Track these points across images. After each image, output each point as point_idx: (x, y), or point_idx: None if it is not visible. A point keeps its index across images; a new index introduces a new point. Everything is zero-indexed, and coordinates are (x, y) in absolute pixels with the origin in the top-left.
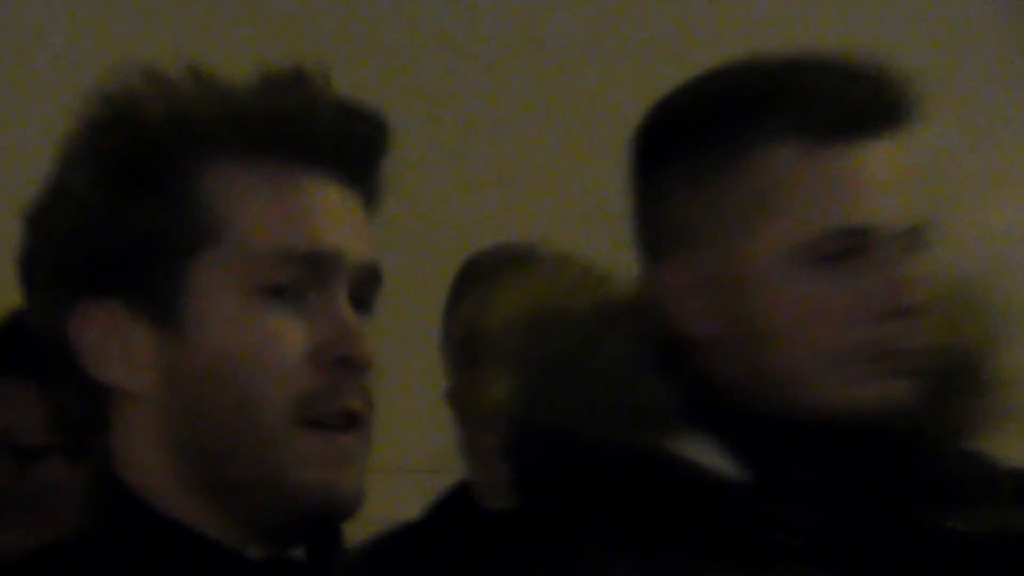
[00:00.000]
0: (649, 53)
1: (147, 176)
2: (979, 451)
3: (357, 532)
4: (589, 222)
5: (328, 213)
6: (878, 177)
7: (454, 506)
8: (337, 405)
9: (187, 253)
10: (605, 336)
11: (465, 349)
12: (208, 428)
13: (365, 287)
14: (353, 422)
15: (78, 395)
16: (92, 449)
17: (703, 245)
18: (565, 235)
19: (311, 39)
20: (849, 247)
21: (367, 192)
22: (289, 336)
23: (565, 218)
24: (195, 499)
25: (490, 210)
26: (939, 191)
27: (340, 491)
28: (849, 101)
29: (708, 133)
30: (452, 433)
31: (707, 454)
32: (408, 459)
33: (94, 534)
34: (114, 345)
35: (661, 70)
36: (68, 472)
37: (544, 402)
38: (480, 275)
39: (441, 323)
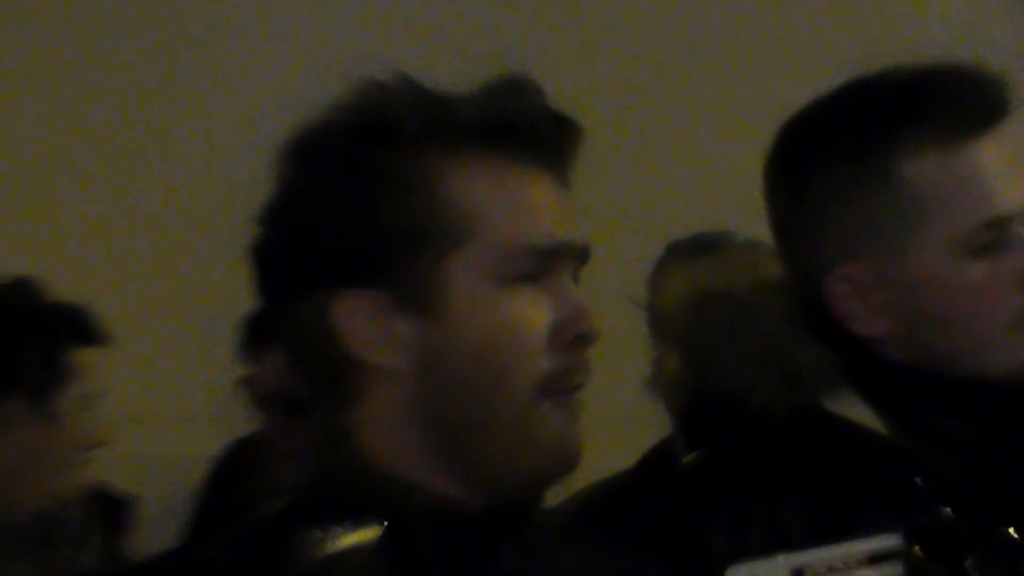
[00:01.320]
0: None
1: (407, 178)
2: None
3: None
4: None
5: (553, 207)
6: (1002, 167)
7: (657, 460)
8: (571, 381)
9: (445, 249)
10: (762, 312)
11: (653, 327)
12: (464, 402)
13: (580, 266)
14: (579, 390)
15: (331, 373)
16: (331, 423)
17: (865, 254)
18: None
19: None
20: (994, 235)
21: (568, 183)
22: (534, 320)
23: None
24: (436, 464)
25: (693, 199)
26: None
27: (572, 451)
28: (967, 105)
29: (854, 149)
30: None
31: (857, 411)
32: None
33: (329, 493)
34: (377, 330)
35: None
36: None
37: (712, 373)
38: (682, 258)
39: (648, 299)
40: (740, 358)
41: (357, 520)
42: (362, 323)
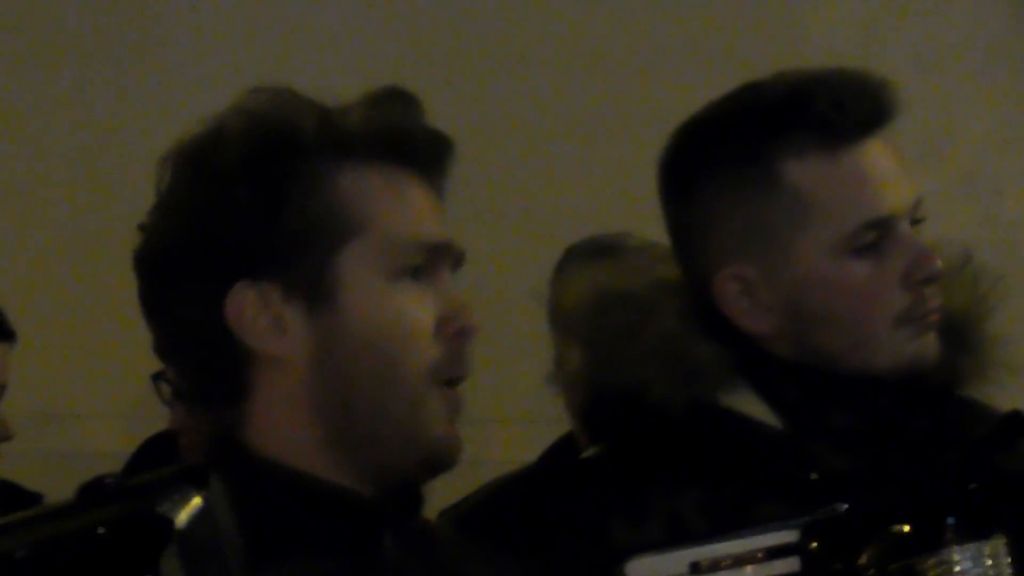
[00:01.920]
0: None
1: (302, 180)
2: (976, 400)
3: (476, 477)
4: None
5: (434, 208)
6: (885, 169)
7: (559, 454)
8: (454, 373)
9: (336, 244)
10: (661, 312)
11: (554, 324)
12: (355, 390)
13: (456, 269)
14: (461, 380)
15: (224, 368)
16: (223, 418)
17: (752, 253)
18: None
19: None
20: (877, 235)
21: (442, 193)
22: (420, 312)
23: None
24: (328, 453)
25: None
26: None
27: (456, 443)
28: (852, 109)
29: (740, 152)
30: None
31: (753, 407)
32: (519, 410)
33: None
34: (268, 320)
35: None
36: None
37: (612, 369)
38: (579, 260)
39: (548, 300)
40: (639, 355)
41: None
42: (253, 313)
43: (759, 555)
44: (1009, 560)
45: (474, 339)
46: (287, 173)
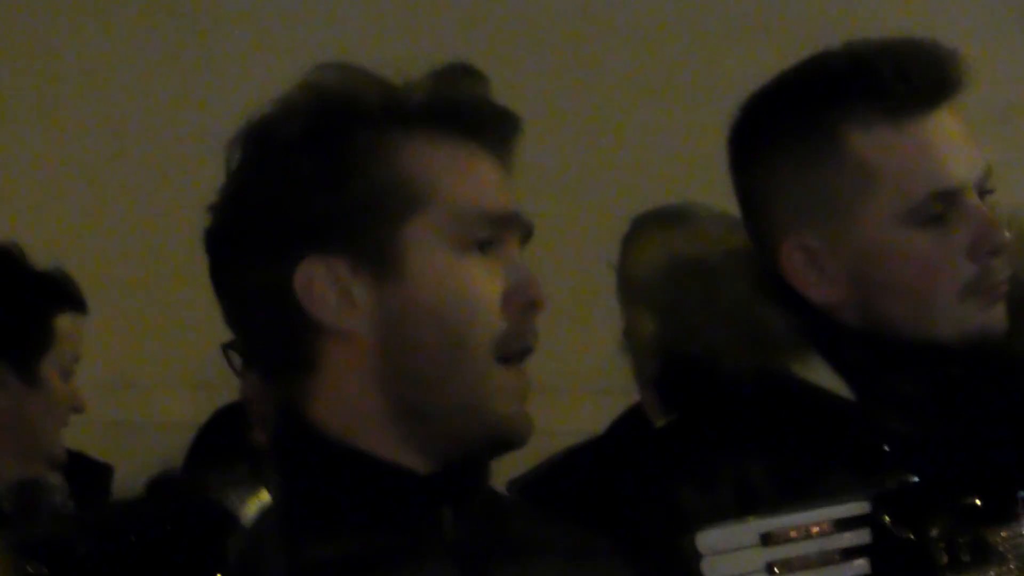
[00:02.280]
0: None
1: (367, 152)
2: None
3: (546, 448)
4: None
5: (501, 180)
6: (952, 141)
7: (629, 423)
8: (525, 344)
9: (403, 216)
10: (732, 280)
11: (625, 293)
12: (422, 362)
13: (524, 242)
14: (528, 354)
15: (293, 341)
16: (290, 392)
17: (817, 223)
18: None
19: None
20: (943, 206)
21: (510, 169)
22: (488, 285)
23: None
24: (393, 427)
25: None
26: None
27: (526, 419)
28: (917, 80)
29: (806, 122)
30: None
31: (824, 376)
32: (588, 380)
33: (281, 460)
34: (336, 294)
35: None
36: None
37: (684, 337)
38: (647, 230)
39: (616, 270)
40: (711, 323)
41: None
42: (321, 287)
43: (830, 526)
44: None
45: (541, 312)
46: (351, 145)
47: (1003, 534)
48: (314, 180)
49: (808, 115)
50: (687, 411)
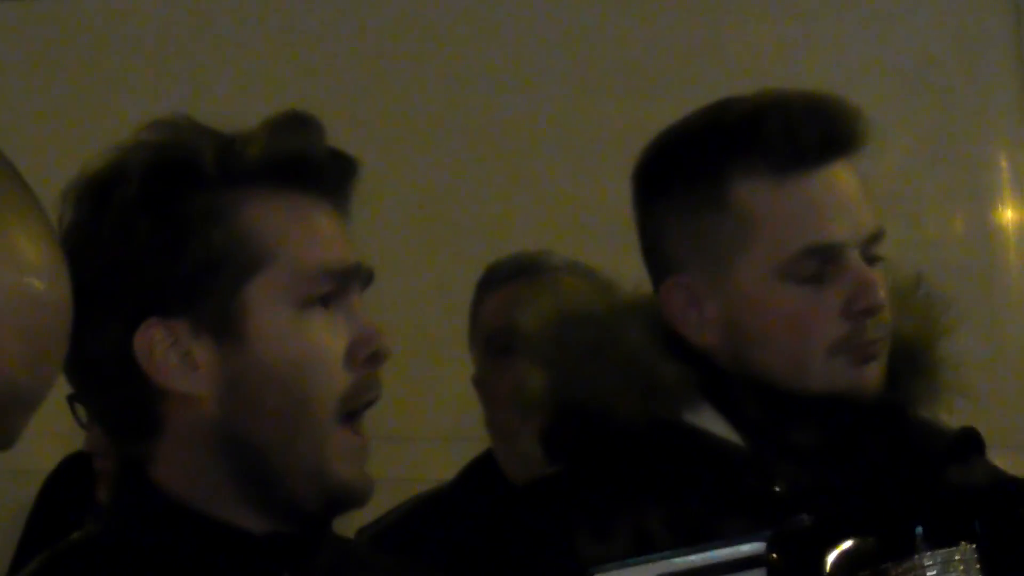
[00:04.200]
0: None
1: (205, 214)
2: (929, 419)
3: (393, 496)
4: (594, 234)
5: (340, 233)
6: (838, 198)
7: (481, 472)
8: (366, 398)
9: (243, 277)
10: (623, 330)
11: (491, 342)
12: (264, 425)
13: (363, 289)
14: (372, 405)
15: (135, 405)
16: (132, 453)
17: (697, 269)
18: (572, 245)
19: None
20: (821, 261)
21: (348, 214)
22: (331, 340)
23: (572, 230)
24: (234, 489)
25: (510, 221)
26: (896, 207)
27: (366, 480)
28: (804, 137)
29: (695, 167)
30: (478, 410)
31: (715, 424)
32: (435, 429)
33: (121, 524)
34: (176, 357)
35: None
36: None
37: (577, 388)
38: (503, 278)
39: (469, 318)
40: (603, 373)
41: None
42: (162, 351)
43: (727, 566)
44: (979, 567)
45: (384, 363)
46: (188, 207)
47: (902, 568)
48: (152, 243)
49: (698, 161)
50: (576, 461)
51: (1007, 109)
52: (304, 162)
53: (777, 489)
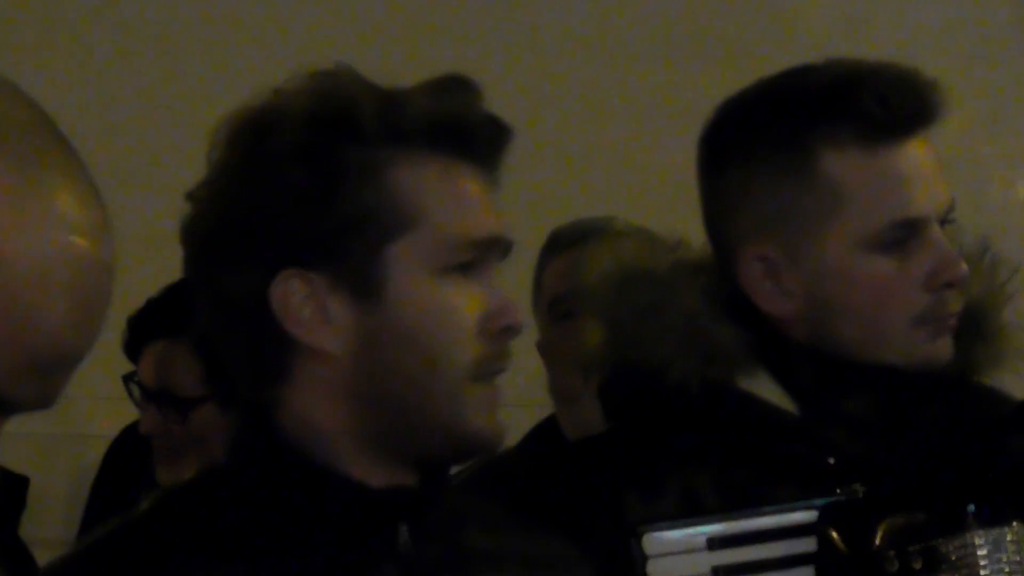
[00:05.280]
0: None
1: (359, 171)
2: (992, 387)
3: None
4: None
5: (487, 202)
6: (921, 171)
7: (544, 436)
8: (495, 367)
9: (388, 236)
10: (682, 292)
11: (554, 306)
12: (396, 385)
13: (504, 259)
14: (502, 372)
15: (265, 351)
16: (258, 398)
17: (780, 236)
18: (636, 211)
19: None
20: (906, 234)
21: (497, 182)
22: (466, 310)
23: (637, 196)
24: (360, 443)
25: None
26: (959, 173)
27: (498, 428)
28: (895, 107)
29: (781, 135)
30: (543, 375)
31: (770, 391)
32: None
33: (239, 468)
34: (313, 310)
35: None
36: (219, 418)
37: (633, 347)
38: (566, 244)
39: (533, 284)
40: (660, 334)
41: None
42: (298, 302)
43: (776, 533)
44: None
45: (516, 336)
46: (344, 161)
47: (953, 544)
48: (302, 194)
49: (784, 128)
50: (631, 420)
51: None
52: (461, 127)
53: (831, 460)
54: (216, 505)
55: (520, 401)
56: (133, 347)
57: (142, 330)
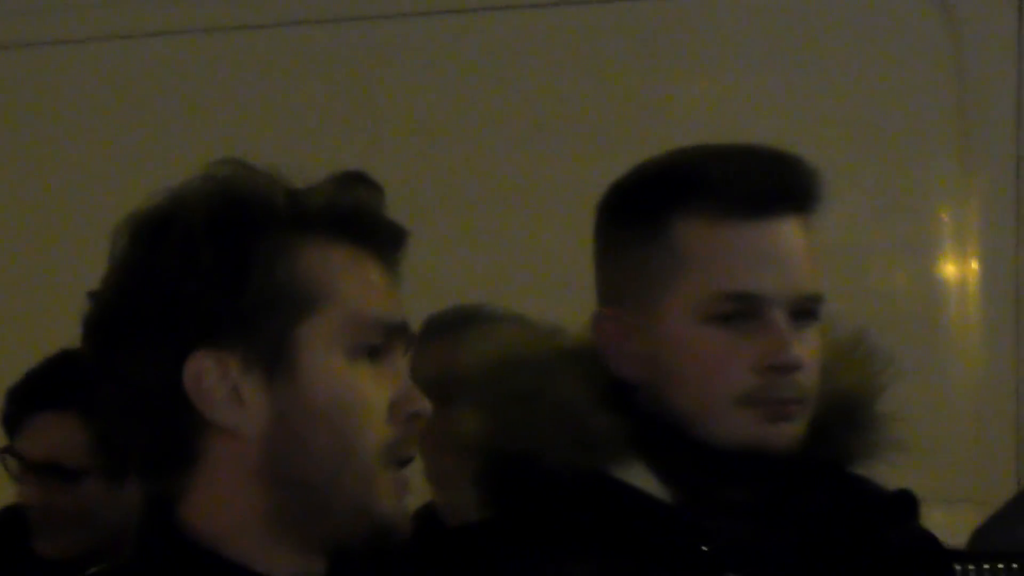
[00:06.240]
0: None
1: (270, 251)
2: (862, 477)
3: None
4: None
5: (393, 289)
6: (772, 251)
7: (422, 522)
8: (406, 453)
9: (299, 316)
10: (560, 378)
11: (430, 393)
12: (309, 465)
13: (407, 349)
14: (409, 462)
15: (173, 434)
16: (161, 488)
17: (631, 300)
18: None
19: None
20: (738, 309)
21: (397, 275)
22: (376, 392)
23: (515, 283)
24: (272, 526)
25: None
26: (833, 260)
27: (406, 517)
28: (747, 186)
29: (641, 209)
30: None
31: (644, 479)
32: None
33: (143, 568)
34: (226, 390)
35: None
36: (105, 491)
37: (510, 434)
38: (441, 329)
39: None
40: (535, 422)
41: None
42: (212, 383)
43: None
44: None
45: (423, 423)
46: (254, 241)
47: None
48: (213, 275)
49: (645, 200)
50: (509, 508)
51: (949, 165)
52: (365, 218)
53: (705, 549)
54: None
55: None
56: (13, 420)
57: (24, 402)
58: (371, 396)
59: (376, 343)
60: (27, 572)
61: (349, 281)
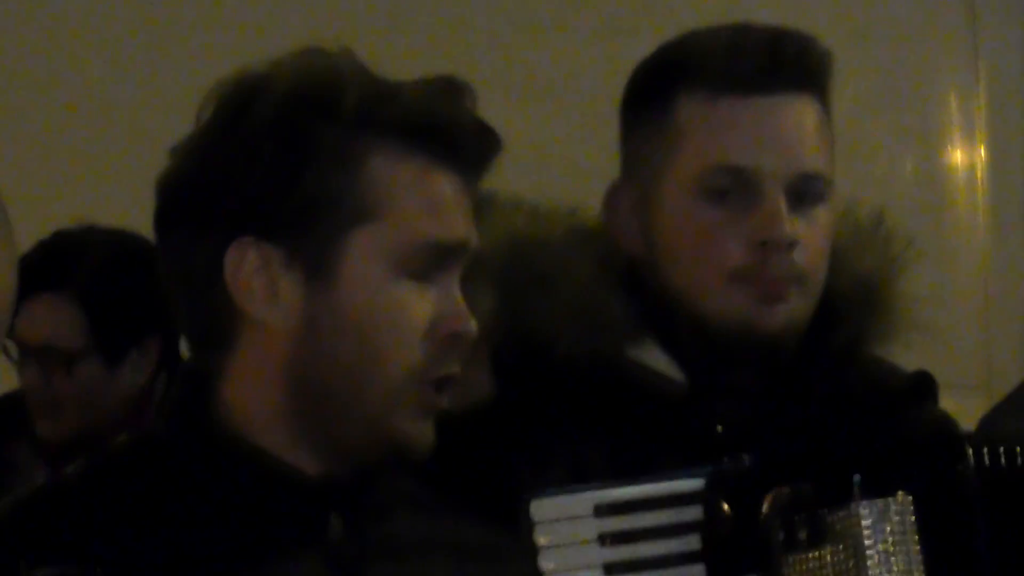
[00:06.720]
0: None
1: (330, 152)
2: (880, 358)
3: None
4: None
5: (460, 208)
6: (772, 127)
7: None
8: (440, 373)
9: (350, 222)
10: (575, 261)
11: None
12: (336, 371)
13: (467, 260)
14: (447, 384)
15: (212, 315)
16: (202, 363)
17: (637, 177)
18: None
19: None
20: (731, 183)
21: (476, 188)
22: (417, 311)
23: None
24: (291, 422)
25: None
26: (838, 147)
27: (428, 435)
28: (748, 63)
29: (648, 88)
30: None
31: (659, 359)
32: None
33: (171, 437)
34: (264, 283)
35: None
36: (103, 373)
37: (524, 318)
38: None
39: None
40: (549, 304)
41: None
42: (250, 272)
43: (663, 501)
44: (914, 519)
45: (467, 343)
46: (317, 141)
47: (838, 515)
48: (272, 166)
49: (655, 80)
50: (522, 389)
51: (957, 52)
52: (445, 131)
53: (719, 429)
54: (147, 475)
55: None
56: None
57: (20, 285)
58: (410, 314)
59: (428, 262)
60: (29, 455)
61: (411, 198)
